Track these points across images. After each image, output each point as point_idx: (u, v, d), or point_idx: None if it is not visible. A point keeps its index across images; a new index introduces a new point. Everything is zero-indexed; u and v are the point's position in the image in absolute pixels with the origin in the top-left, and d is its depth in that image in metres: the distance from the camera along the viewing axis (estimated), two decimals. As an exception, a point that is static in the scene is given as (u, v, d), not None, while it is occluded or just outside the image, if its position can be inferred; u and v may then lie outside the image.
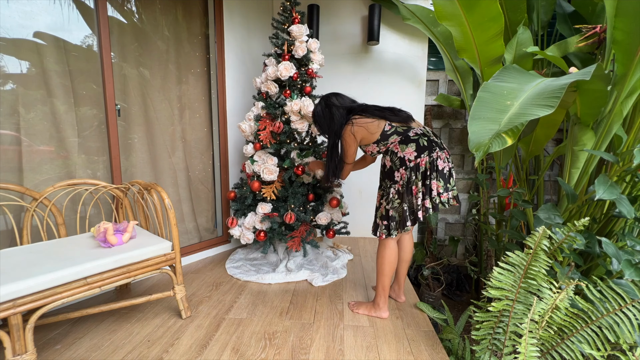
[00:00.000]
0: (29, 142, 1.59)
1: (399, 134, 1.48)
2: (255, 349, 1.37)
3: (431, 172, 1.41)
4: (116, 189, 1.75)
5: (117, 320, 1.56)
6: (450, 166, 1.47)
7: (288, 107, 1.94)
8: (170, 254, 1.51)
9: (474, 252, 2.90)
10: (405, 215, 1.46)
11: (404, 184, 1.46)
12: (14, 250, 1.37)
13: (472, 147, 1.03)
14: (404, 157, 1.45)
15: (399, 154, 1.47)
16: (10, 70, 1.53)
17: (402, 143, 1.47)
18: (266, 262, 2.23)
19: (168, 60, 2.14)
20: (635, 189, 1.57)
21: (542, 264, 1.12)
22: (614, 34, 1.39)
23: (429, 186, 1.41)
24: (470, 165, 2.94)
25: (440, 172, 1.42)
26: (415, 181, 1.42)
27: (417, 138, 1.46)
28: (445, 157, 1.44)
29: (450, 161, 1.47)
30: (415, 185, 1.43)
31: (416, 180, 1.42)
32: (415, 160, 1.43)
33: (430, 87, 2.89)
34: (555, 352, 1.13)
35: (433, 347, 1.40)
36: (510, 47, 1.82)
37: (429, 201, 1.42)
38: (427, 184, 1.42)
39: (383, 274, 1.56)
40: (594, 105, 1.46)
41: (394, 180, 1.49)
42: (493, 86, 1.21)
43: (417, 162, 1.42)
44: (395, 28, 2.65)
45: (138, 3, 1.99)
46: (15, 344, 1.08)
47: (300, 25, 1.96)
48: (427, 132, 1.49)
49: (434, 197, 1.41)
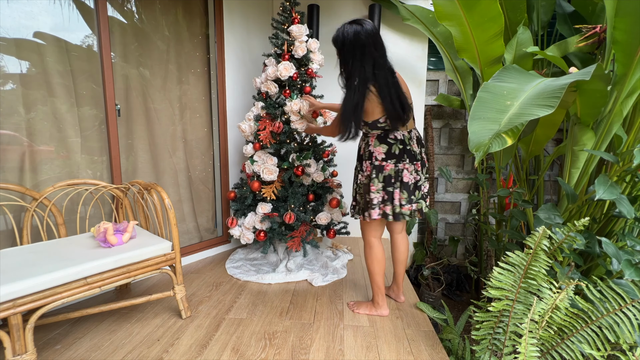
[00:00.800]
0: (29, 142, 1.59)
1: (382, 130, 1.45)
2: (255, 349, 1.37)
3: (395, 181, 1.42)
4: (116, 189, 1.75)
5: (117, 320, 1.56)
6: (418, 178, 1.46)
7: (288, 107, 1.94)
8: (170, 254, 1.51)
9: (474, 252, 2.90)
10: (367, 206, 1.48)
11: (366, 177, 1.48)
12: (14, 250, 1.37)
13: (472, 147, 1.03)
14: (372, 153, 1.46)
15: (370, 148, 1.47)
16: (11, 70, 1.53)
17: (378, 139, 1.46)
18: (266, 262, 2.23)
19: (168, 60, 2.14)
20: (635, 189, 1.57)
21: (542, 264, 1.12)
22: (614, 34, 1.39)
23: (391, 193, 1.42)
24: (470, 165, 2.94)
25: (405, 184, 1.43)
26: (375, 180, 1.43)
27: (392, 143, 1.43)
28: (415, 169, 1.44)
29: (422, 172, 1.48)
30: (374, 184, 1.44)
31: (376, 179, 1.43)
32: (380, 161, 1.43)
33: (430, 87, 2.89)
34: (555, 352, 1.13)
35: (433, 347, 1.40)
36: (510, 47, 1.82)
37: (390, 208, 1.42)
38: (388, 190, 1.42)
39: (374, 272, 1.58)
40: (594, 105, 1.46)
41: (362, 168, 1.53)
42: (493, 86, 1.21)
43: (382, 164, 1.42)
44: (395, 28, 2.65)
45: (138, 3, 1.99)
46: (15, 344, 1.08)
47: (300, 25, 1.96)
48: (406, 140, 1.44)
49: (395, 206, 1.43)
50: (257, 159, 2.05)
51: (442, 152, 2.95)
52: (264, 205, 1.99)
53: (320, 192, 2.17)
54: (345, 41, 1.36)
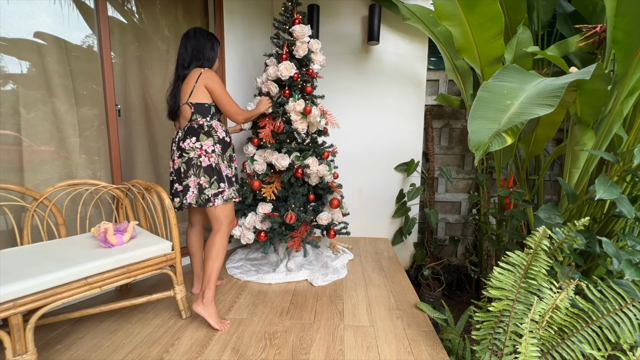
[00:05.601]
0: (30, 142, 1.59)
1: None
2: (255, 349, 1.37)
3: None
4: (116, 189, 1.75)
5: (117, 320, 1.56)
6: (170, 179, 1.60)
7: (289, 107, 1.94)
8: (170, 254, 1.51)
9: (474, 252, 2.90)
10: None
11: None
12: (14, 251, 1.37)
13: (472, 146, 1.04)
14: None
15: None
16: (11, 70, 1.53)
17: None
18: (266, 262, 2.23)
19: (168, 61, 2.14)
20: (636, 188, 1.57)
21: (542, 264, 1.12)
22: (614, 33, 1.38)
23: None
24: (470, 165, 2.94)
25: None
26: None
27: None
28: (172, 167, 1.59)
29: (171, 174, 1.59)
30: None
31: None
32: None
33: (430, 87, 2.89)
34: (555, 352, 1.13)
35: (433, 347, 1.40)
36: (511, 47, 1.82)
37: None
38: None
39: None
40: (594, 105, 1.46)
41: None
42: (493, 86, 1.21)
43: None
44: (395, 28, 2.65)
45: (138, 3, 1.99)
46: (15, 344, 1.08)
47: (302, 25, 1.96)
48: (176, 137, 1.59)
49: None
50: (258, 158, 2.05)
51: (442, 152, 2.95)
52: (265, 205, 1.99)
53: (320, 193, 2.17)
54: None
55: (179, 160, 1.54)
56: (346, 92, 2.78)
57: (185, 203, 1.55)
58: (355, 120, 2.79)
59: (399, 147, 2.78)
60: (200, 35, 1.59)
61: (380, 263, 2.32)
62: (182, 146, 1.53)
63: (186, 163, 1.52)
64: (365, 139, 2.81)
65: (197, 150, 1.52)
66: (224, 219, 1.58)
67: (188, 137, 1.53)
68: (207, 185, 1.52)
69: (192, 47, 1.56)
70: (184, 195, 1.54)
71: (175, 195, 1.57)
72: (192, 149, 1.52)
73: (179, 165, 1.54)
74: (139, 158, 2.04)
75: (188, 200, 1.53)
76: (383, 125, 2.77)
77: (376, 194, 2.85)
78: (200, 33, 1.59)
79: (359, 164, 2.83)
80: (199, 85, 1.53)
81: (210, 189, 1.53)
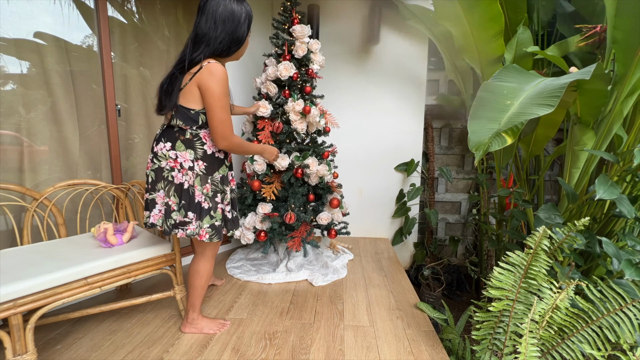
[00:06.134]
0: (30, 142, 1.59)
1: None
2: (255, 349, 1.37)
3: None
4: (116, 189, 1.75)
5: (117, 320, 1.56)
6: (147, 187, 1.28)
7: (288, 107, 1.94)
8: (170, 254, 1.51)
9: (474, 252, 2.90)
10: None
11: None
12: (14, 251, 1.37)
13: (472, 146, 1.04)
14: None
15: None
16: (11, 70, 1.53)
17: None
18: (266, 262, 2.23)
19: (168, 61, 2.14)
20: (636, 188, 1.57)
21: (542, 264, 1.12)
22: (614, 33, 1.39)
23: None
24: (470, 165, 2.94)
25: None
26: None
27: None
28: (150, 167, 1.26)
29: (147, 181, 1.29)
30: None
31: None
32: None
33: (430, 87, 2.89)
34: (555, 352, 1.13)
35: (433, 347, 1.40)
36: (511, 47, 1.82)
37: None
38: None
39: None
40: (594, 105, 1.46)
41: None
42: (493, 86, 1.21)
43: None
44: (395, 28, 2.65)
45: (138, 3, 1.99)
46: (15, 344, 1.08)
47: (303, 25, 1.96)
48: (157, 134, 1.29)
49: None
50: (257, 158, 2.05)
51: (442, 152, 2.95)
52: (265, 205, 1.99)
53: (320, 192, 2.17)
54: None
55: (150, 165, 1.25)
56: (346, 92, 2.78)
57: (148, 222, 1.27)
58: (355, 120, 2.79)
59: (399, 147, 2.78)
60: (230, 2, 1.15)
61: (380, 263, 2.32)
62: (155, 149, 1.24)
63: (155, 172, 1.23)
64: (365, 139, 2.81)
65: (169, 161, 1.20)
66: (206, 244, 1.33)
67: (162, 140, 1.22)
68: (175, 208, 1.22)
69: (213, 18, 1.14)
70: (150, 212, 1.27)
71: (146, 207, 1.28)
72: (164, 157, 1.21)
73: (148, 172, 1.26)
74: (139, 158, 2.04)
75: (151, 219, 1.27)
76: (383, 125, 2.77)
77: (376, 194, 2.85)
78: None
79: (359, 164, 2.83)
80: (191, 84, 1.16)
81: (177, 214, 1.23)
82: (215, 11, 1.15)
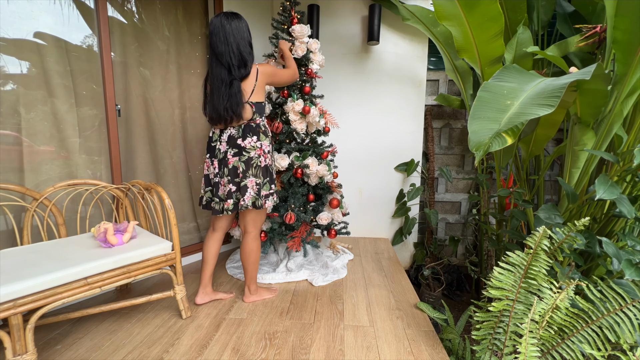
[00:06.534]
0: (30, 142, 1.59)
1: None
2: (255, 349, 1.37)
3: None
4: (116, 189, 1.75)
5: (117, 320, 1.56)
6: (217, 180, 1.54)
7: (288, 107, 1.94)
8: (170, 254, 1.51)
9: (474, 252, 2.90)
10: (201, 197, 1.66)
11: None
12: (14, 251, 1.37)
13: (472, 146, 1.03)
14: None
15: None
16: (11, 71, 1.53)
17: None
18: (266, 262, 2.23)
19: (168, 61, 2.14)
20: (636, 188, 1.57)
21: (542, 264, 1.12)
22: (614, 33, 1.38)
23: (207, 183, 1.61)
24: (470, 165, 2.94)
25: (206, 176, 1.61)
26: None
27: (209, 137, 1.61)
28: (210, 166, 1.56)
29: (223, 175, 1.52)
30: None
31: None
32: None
33: (430, 87, 2.89)
34: (555, 352, 1.13)
35: (433, 347, 1.40)
36: (510, 47, 1.82)
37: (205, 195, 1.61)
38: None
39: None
40: (594, 105, 1.46)
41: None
42: (493, 86, 1.21)
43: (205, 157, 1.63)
44: (395, 28, 2.65)
45: (138, 3, 1.99)
46: (15, 344, 1.08)
47: (302, 25, 1.96)
48: (214, 136, 1.56)
49: (205, 194, 1.61)
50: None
51: (442, 152, 2.95)
52: (264, 205, 1.99)
53: (320, 192, 2.17)
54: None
55: (235, 159, 1.48)
56: (346, 92, 2.78)
57: (242, 204, 1.49)
58: (355, 120, 2.79)
59: (399, 147, 2.78)
60: (239, 23, 1.44)
61: (380, 263, 2.32)
62: (242, 145, 1.48)
63: (245, 162, 1.48)
64: (365, 139, 2.81)
65: (257, 150, 1.49)
66: (260, 222, 1.61)
67: (248, 136, 1.49)
68: (262, 186, 1.52)
69: (238, 41, 1.42)
70: (242, 196, 1.49)
71: (229, 196, 1.50)
72: (253, 148, 1.48)
73: (234, 165, 1.48)
74: (139, 158, 2.04)
75: (246, 201, 1.49)
76: (383, 125, 2.77)
77: (376, 194, 2.85)
78: (237, 20, 1.44)
79: (359, 164, 2.83)
80: (260, 84, 1.49)
81: (264, 190, 1.52)
82: (231, 33, 1.44)
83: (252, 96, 1.48)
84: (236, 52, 1.42)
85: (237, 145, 1.49)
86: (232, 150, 1.49)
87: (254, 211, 1.57)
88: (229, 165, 1.49)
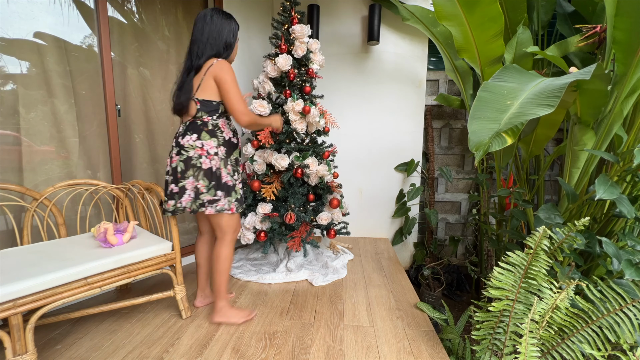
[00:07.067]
0: (29, 142, 1.59)
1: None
2: (255, 349, 1.37)
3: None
4: (116, 189, 1.75)
5: (117, 320, 1.56)
6: (166, 178, 1.45)
7: (288, 107, 1.94)
8: (170, 254, 1.51)
9: (474, 252, 2.90)
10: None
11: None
12: (14, 251, 1.37)
13: (472, 146, 1.03)
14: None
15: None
16: (11, 71, 1.53)
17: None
18: (266, 262, 2.23)
19: (168, 61, 2.14)
20: (636, 188, 1.57)
21: (542, 264, 1.12)
22: (614, 33, 1.38)
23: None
24: (470, 165, 2.94)
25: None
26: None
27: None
28: (169, 164, 1.44)
29: (167, 173, 1.45)
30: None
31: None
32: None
33: (430, 87, 2.89)
34: (555, 352, 1.13)
35: (433, 347, 1.40)
36: (510, 47, 1.82)
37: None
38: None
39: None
40: (594, 105, 1.46)
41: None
42: (493, 86, 1.21)
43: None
44: (395, 28, 2.65)
45: (138, 3, 1.99)
46: (15, 344, 1.08)
47: (302, 25, 1.96)
48: (177, 132, 1.47)
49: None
50: (257, 158, 2.05)
51: (442, 152, 2.95)
52: (264, 205, 1.99)
53: (320, 192, 2.17)
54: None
55: (177, 157, 1.40)
56: (346, 92, 2.78)
57: (179, 207, 1.41)
58: (355, 120, 2.79)
59: (399, 147, 2.78)
60: (219, 18, 1.40)
61: (380, 263, 2.32)
62: (181, 143, 1.40)
63: (184, 162, 1.39)
64: (365, 139, 2.81)
65: (197, 150, 1.39)
66: (227, 228, 1.48)
67: (188, 133, 1.40)
68: (205, 190, 1.39)
69: (209, 32, 1.38)
70: (179, 198, 1.40)
71: (170, 197, 1.42)
72: (191, 147, 1.39)
73: (176, 164, 1.40)
74: (139, 158, 2.04)
75: (182, 203, 1.40)
76: (383, 125, 2.77)
77: (376, 194, 2.85)
78: (219, 15, 1.40)
79: (359, 164, 2.83)
80: (208, 78, 1.37)
81: (207, 195, 1.40)
82: (207, 24, 1.40)
83: (198, 92, 1.39)
84: (205, 43, 1.38)
85: (177, 143, 1.42)
86: (175, 148, 1.42)
87: (217, 215, 1.45)
88: (172, 164, 1.42)
